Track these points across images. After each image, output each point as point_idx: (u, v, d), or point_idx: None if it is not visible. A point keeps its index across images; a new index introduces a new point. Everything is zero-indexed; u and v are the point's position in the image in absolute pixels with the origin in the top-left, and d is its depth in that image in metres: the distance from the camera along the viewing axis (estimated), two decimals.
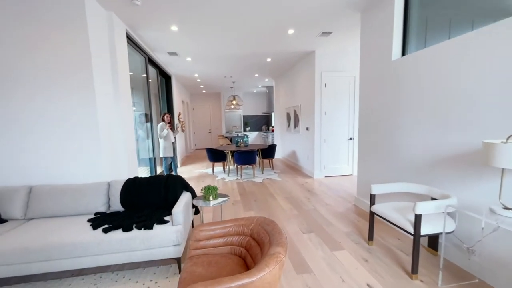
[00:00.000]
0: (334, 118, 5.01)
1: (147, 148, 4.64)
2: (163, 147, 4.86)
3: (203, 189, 2.34)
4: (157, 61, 5.07)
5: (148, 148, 4.64)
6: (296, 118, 6.04)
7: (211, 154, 5.58)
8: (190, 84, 8.51)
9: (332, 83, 4.92)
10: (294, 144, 6.35)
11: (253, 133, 11.09)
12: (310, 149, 5.25)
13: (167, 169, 5.00)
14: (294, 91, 6.16)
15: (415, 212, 1.76)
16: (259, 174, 5.56)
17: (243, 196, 3.99)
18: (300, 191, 4.20)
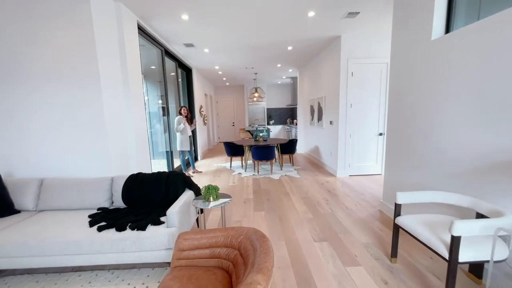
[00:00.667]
0: (362, 111, 4.49)
1: (165, 141, 4.67)
2: (179, 140, 4.85)
3: (203, 188, 2.17)
4: (175, 54, 5.02)
5: (165, 142, 4.66)
6: (320, 111, 5.60)
7: (229, 148, 5.46)
8: (213, 77, 8.45)
9: (360, 71, 4.39)
10: (317, 139, 5.93)
11: (277, 127, 10.77)
12: (334, 145, 4.82)
13: (184, 162, 5.00)
14: (318, 82, 5.70)
15: (452, 233, 1.37)
16: (277, 170, 5.29)
17: (256, 194, 3.79)
18: (319, 191, 3.86)
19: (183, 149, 4.87)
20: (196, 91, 6.76)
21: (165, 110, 4.54)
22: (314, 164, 5.86)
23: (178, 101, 5.57)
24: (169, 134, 4.62)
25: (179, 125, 4.77)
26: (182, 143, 4.85)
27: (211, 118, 9.82)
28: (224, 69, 7.05)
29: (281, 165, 5.38)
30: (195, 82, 6.72)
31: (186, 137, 4.87)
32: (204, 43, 4.57)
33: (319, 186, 4.11)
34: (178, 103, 5.56)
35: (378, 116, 4.52)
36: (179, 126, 4.76)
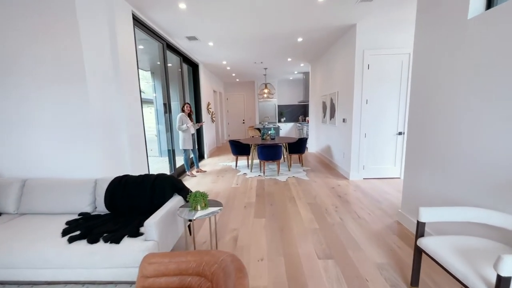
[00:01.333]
0: (379, 108, 4.05)
1: (167, 139, 4.49)
2: (182, 139, 4.65)
3: (190, 196, 1.92)
4: (178, 48, 4.80)
5: (167, 140, 4.48)
6: (332, 108, 5.18)
7: (234, 147, 5.20)
8: (221, 73, 8.21)
9: (377, 63, 3.94)
10: (329, 138, 5.52)
11: (288, 124, 10.38)
12: (347, 145, 4.41)
13: (187, 161, 4.81)
14: (331, 76, 5.28)
15: (499, 272, 1.01)
16: (285, 171, 4.97)
17: (259, 198, 3.50)
18: (328, 196, 3.50)
19: (186, 147, 4.67)
20: (203, 87, 6.55)
21: (167, 107, 4.35)
22: (325, 165, 5.46)
23: (182, 97, 5.37)
24: (171, 132, 4.43)
25: (181, 123, 4.57)
26: (184, 142, 4.64)
27: (220, 115, 9.62)
28: (232, 64, 6.78)
29: (289, 165, 5.04)
30: (202, 78, 6.51)
31: (188, 135, 4.66)
32: (207, 35, 4.31)
33: (329, 190, 3.75)
34: (183, 100, 5.37)
35: (397, 113, 4.06)
36: (182, 126, 4.55)
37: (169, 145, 4.47)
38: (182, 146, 4.67)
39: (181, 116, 4.60)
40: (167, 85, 4.32)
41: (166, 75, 4.27)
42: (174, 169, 4.55)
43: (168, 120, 4.38)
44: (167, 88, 4.31)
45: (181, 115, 4.61)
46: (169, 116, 4.38)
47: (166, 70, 4.26)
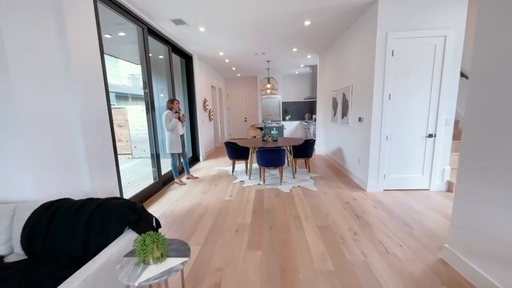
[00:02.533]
0: (404, 104, 3.30)
1: (149, 142, 3.83)
2: (169, 141, 3.99)
3: (136, 241, 1.23)
4: (165, 35, 4.12)
5: (150, 143, 3.82)
6: (345, 104, 4.43)
7: (231, 151, 4.51)
8: (220, 67, 7.51)
9: (404, 49, 3.18)
10: (341, 140, 4.78)
11: (293, 123, 9.64)
12: (364, 149, 3.67)
13: (175, 167, 4.15)
14: (344, 68, 4.52)
15: None
16: (289, 178, 4.26)
17: (256, 217, 2.81)
18: (343, 215, 2.79)
19: (174, 151, 4.00)
20: (198, 82, 5.86)
21: (149, 104, 3.69)
22: (336, 171, 4.72)
23: (172, 93, 4.71)
24: (154, 134, 3.77)
25: (169, 121, 3.90)
26: (172, 144, 3.98)
27: (220, 113, 8.94)
28: (231, 55, 6.06)
29: (293, 171, 4.33)
30: (197, 71, 5.82)
31: (177, 137, 4.00)
32: (196, 18, 3.61)
33: (343, 206, 3.03)
34: (172, 95, 4.70)
35: (427, 111, 3.30)
36: (171, 123, 3.89)
37: (153, 148, 3.80)
38: (169, 149, 4.01)
39: (167, 114, 3.93)
40: (149, 78, 3.64)
41: (147, 66, 3.60)
42: (159, 176, 3.90)
43: (151, 119, 3.71)
44: (148, 82, 3.63)
45: (167, 113, 3.94)
46: (152, 115, 3.71)
47: (147, 59, 3.59)
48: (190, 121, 5.86)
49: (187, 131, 5.86)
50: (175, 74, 5.65)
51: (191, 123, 5.88)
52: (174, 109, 4.02)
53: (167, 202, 3.37)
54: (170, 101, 4.01)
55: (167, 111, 3.95)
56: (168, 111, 3.96)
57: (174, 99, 4.07)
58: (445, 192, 3.40)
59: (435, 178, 3.42)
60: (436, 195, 3.28)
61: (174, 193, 3.73)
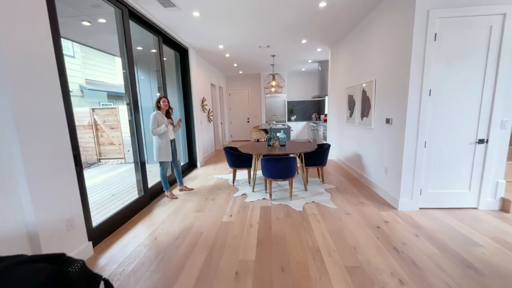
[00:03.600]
0: (449, 102, 2.62)
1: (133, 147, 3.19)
2: (157, 147, 3.35)
3: None
4: (153, 21, 3.48)
5: (133, 150, 3.17)
6: (366, 103, 3.75)
7: (231, 158, 3.86)
8: (221, 63, 6.86)
9: (451, 31, 2.50)
10: (359, 144, 4.09)
11: (299, 123, 8.96)
12: (393, 157, 2.99)
13: (165, 178, 3.51)
14: (364, 60, 3.83)
15: None
16: (299, 190, 3.59)
17: (262, 250, 2.14)
18: (377, 248, 2.11)
19: (163, 159, 3.36)
20: (195, 79, 5.22)
21: (132, 105, 3.05)
22: (355, 181, 4.04)
23: (164, 90, 4.07)
24: (137, 140, 3.12)
25: (156, 125, 3.26)
26: (160, 151, 3.34)
27: (221, 114, 8.29)
28: (232, 49, 5.41)
29: (305, 183, 3.65)
30: (193, 66, 5.18)
31: (166, 143, 3.35)
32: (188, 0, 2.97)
33: (373, 233, 2.36)
34: (164, 93, 4.06)
35: (478, 111, 2.61)
36: (158, 129, 3.26)
37: (136, 155, 3.16)
38: (157, 157, 3.37)
39: (155, 116, 3.29)
40: (131, 72, 3.01)
41: (128, 57, 2.96)
42: (145, 189, 3.26)
43: (134, 123, 3.07)
44: (130, 77, 3.00)
45: (155, 114, 3.31)
46: (136, 117, 3.08)
47: (128, 49, 2.95)
48: (186, 123, 5.23)
49: (182, 133, 5.23)
50: (169, 70, 5.02)
51: (187, 124, 5.24)
52: (164, 109, 3.39)
53: (152, 224, 2.72)
54: (156, 101, 3.38)
55: (155, 112, 3.32)
56: (156, 112, 3.32)
57: (161, 96, 3.43)
58: (499, 211, 2.71)
59: (486, 194, 2.73)
60: (489, 217, 2.59)
61: (162, 211, 3.09)
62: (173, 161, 3.56)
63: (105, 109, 6.92)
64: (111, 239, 2.41)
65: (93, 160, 7.05)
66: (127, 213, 2.85)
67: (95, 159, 7.05)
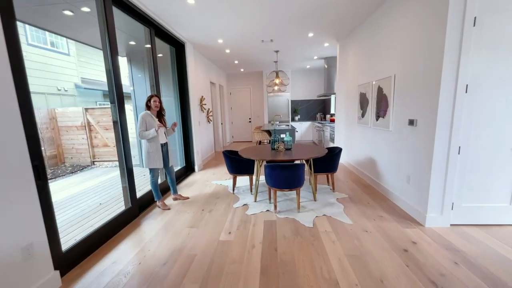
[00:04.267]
0: (490, 100, 2.20)
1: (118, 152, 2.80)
2: (146, 152, 2.96)
3: None
4: (143, 10, 3.09)
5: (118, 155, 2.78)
6: (382, 101, 3.34)
7: (230, 163, 3.46)
8: (221, 60, 6.47)
9: (494, 15, 2.07)
10: (374, 148, 3.67)
11: (304, 124, 8.54)
12: (418, 164, 2.57)
13: (156, 187, 3.12)
14: (380, 54, 3.41)
15: None
16: (307, 200, 3.19)
17: (266, 280, 1.74)
18: (409, 281, 1.70)
19: (153, 166, 2.98)
20: (192, 76, 4.83)
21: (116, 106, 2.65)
22: (369, 189, 3.63)
23: (156, 88, 3.68)
24: (123, 141, 2.73)
25: (144, 127, 2.88)
26: (149, 157, 2.95)
27: (221, 113, 7.90)
28: (232, 44, 5.00)
29: (313, 192, 3.24)
30: (191, 63, 4.79)
31: (155, 147, 2.96)
32: None
33: (400, 257, 1.95)
34: (156, 91, 3.67)
35: None
36: (147, 132, 2.87)
37: (122, 161, 2.77)
38: (146, 164, 2.98)
39: (144, 117, 2.91)
40: (115, 66, 2.62)
41: (111, 48, 2.57)
42: (133, 200, 2.87)
43: (119, 124, 2.68)
44: (114, 72, 2.61)
45: (144, 114, 2.93)
46: (121, 117, 2.68)
47: (110, 38, 2.56)
48: (183, 123, 4.84)
49: (179, 135, 4.84)
50: (164, 66, 4.64)
51: (184, 125, 4.85)
52: (154, 110, 3.00)
53: (137, 244, 2.34)
54: (147, 99, 3.00)
55: (144, 112, 2.94)
56: (145, 112, 2.94)
57: (152, 94, 3.05)
58: None
59: None
60: None
61: (151, 226, 2.70)
62: (165, 167, 3.17)
63: (99, 109, 6.55)
64: (86, 265, 2.02)
65: (86, 163, 6.69)
66: (109, 229, 2.47)
67: (89, 161, 6.69)
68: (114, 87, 2.61)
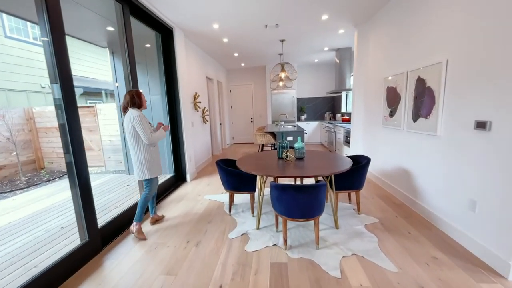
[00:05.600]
0: None
1: None
2: (149, 158, 2.34)
3: None
4: None
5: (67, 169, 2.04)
6: (424, 97, 2.54)
7: (226, 176, 2.69)
8: (217, 51, 5.69)
9: None
10: (410, 157, 2.88)
11: (311, 124, 7.75)
12: (493, 185, 1.78)
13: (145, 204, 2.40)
14: (420, 34, 2.61)
15: None
16: (327, 228, 2.41)
17: None
18: None
19: (154, 174, 2.39)
20: (183, 69, 4.07)
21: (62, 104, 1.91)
22: (401, 208, 2.84)
23: (130, 82, 2.92)
24: (72, 147, 1.99)
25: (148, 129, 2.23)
26: (153, 163, 2.37)
27: (220, 112, 7.14)
28: (230, 31, 4.23)
29: (335, 217, 2.46)
30: (180, 52, 4.03)
31: (156, 152, 2.32)
32: None
33: None
34: (131, 85, 2.91)
35: None
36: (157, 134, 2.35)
37: (73, 174, 2.02)
38: (149, 173, 2.36)
39: (140, 117, 2.21)
40: (55, 52, 1.86)
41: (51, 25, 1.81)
42: (89, 232, 2.12)
43: (67, 129, 1.94)
44: (59, 65, 1.85)
45: (140, 114, 2.24)
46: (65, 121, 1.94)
47: (50, 12, 1.80)
48: (172, 125, 4.08)
49: (167, 139, 4.09)
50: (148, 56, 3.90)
51: (173, 127, 4.09)
52: (144, 107, 2.31)
53: None
54: (135, 94, 2.29)
55: (138, 112, 2.22)
56: (139, 112, 2.22)
57: (135, 89, 2.34)
58: None
59: None
60: None
61: (113, 271, 1.94)
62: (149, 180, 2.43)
63: (81, 108, 5.82)
64: None
65: None
66: (57, 273, 1.72)
67: None
68: (61, 84, 1.85)
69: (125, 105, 2.29)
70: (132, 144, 2.29)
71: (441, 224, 2.34)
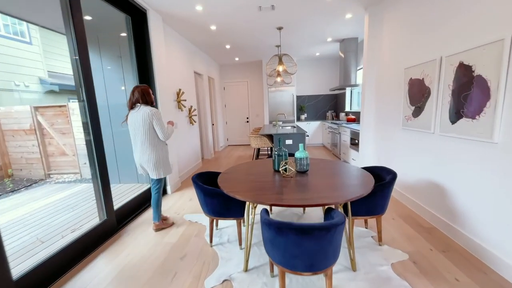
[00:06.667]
0: None
1: None
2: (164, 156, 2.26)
3: None
4: None
5: None
6: (472, 89, 1.88)
7: (204, 197, 2.02)
8: (207, 43, 5.00)
9: None
10: (446, 168, 2.22)
11: (311, 124, 7.10)
12: None
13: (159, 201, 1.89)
14: (462, 4, 1.95)
15: None
16: (340, 270, 1.76)
17: None
18: None
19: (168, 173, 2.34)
20: (160, 61, 3.39)
21: None
22: (433, 234, 2.19)
23: (79, 74, 2.24)
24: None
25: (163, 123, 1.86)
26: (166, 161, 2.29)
27: (211, 112, 6.46)
28: (218, 15, 3.55)
29: (351, 254, 1.81)
30: (157, 41, 3.35)
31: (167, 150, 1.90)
32: None
33: None
34: (79, 77, 2.23)
35: None
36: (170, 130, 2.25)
37: None
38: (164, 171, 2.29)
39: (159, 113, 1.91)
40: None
41: None
42: None
43: None
44: None
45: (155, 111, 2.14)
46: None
47: None
48: None
49: None
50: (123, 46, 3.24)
51: None
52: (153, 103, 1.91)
53: None
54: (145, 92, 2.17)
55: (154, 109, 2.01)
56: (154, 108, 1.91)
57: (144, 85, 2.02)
58: None
59: None
60: None
61: None
62: None
63: (52, 107, 5.13)
64: None
65: (39, 176, 5.30)
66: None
67: (42, 174, 5.30)
68: None
69: (134, 101, 2.15)
70: (149, 142, 2.14)
71: (500, 265, 1.68)
